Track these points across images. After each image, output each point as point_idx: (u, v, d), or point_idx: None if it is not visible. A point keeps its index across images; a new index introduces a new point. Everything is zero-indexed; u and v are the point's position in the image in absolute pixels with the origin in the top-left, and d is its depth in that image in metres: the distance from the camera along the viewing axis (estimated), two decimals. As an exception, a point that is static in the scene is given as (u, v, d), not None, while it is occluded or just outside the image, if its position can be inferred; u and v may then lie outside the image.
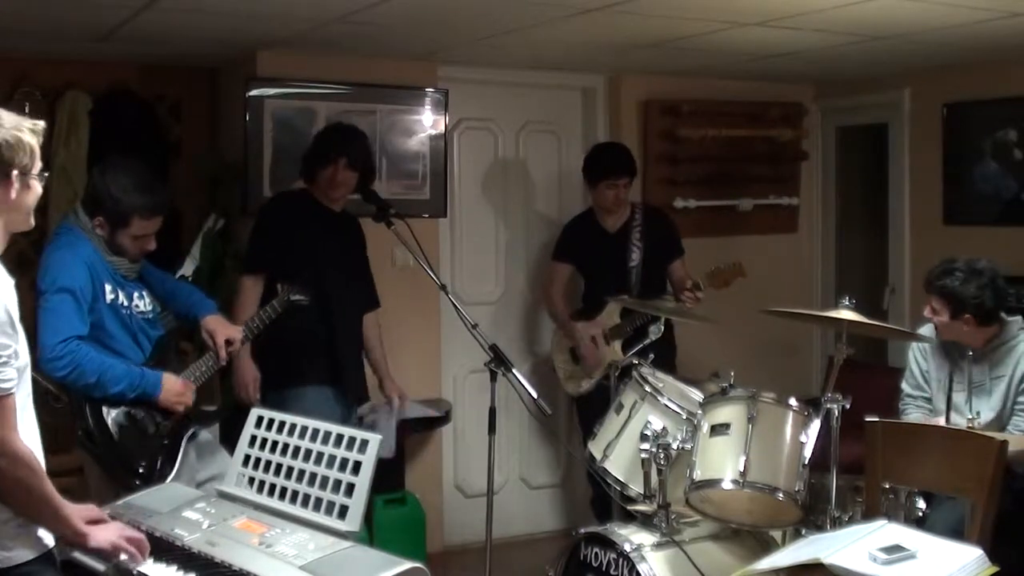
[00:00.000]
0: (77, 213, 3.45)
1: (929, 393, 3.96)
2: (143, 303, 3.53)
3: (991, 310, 3.74)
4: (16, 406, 2.17)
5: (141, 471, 3.37)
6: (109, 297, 3.38)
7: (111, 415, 3.37)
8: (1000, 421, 3.74)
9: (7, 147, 2.21)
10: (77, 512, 2.33)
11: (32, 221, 2.34)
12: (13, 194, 2.23)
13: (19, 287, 2.26)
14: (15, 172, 2.22)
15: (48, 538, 2.28)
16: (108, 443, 3.36)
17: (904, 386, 4.02)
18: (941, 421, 3.81)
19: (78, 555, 2.47)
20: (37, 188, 2.30)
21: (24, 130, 2.25)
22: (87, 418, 3.36)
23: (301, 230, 4.18)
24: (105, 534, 2.35)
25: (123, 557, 2.37)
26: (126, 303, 3.45)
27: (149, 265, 3.69)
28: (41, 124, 2.31)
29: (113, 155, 3.67)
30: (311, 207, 4.21)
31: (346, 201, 4.29)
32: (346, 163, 4.15)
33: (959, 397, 3.84)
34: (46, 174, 2.33)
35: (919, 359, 3.99)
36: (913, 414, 3.94)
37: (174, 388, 3.45)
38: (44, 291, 3.30)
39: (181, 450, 3.49)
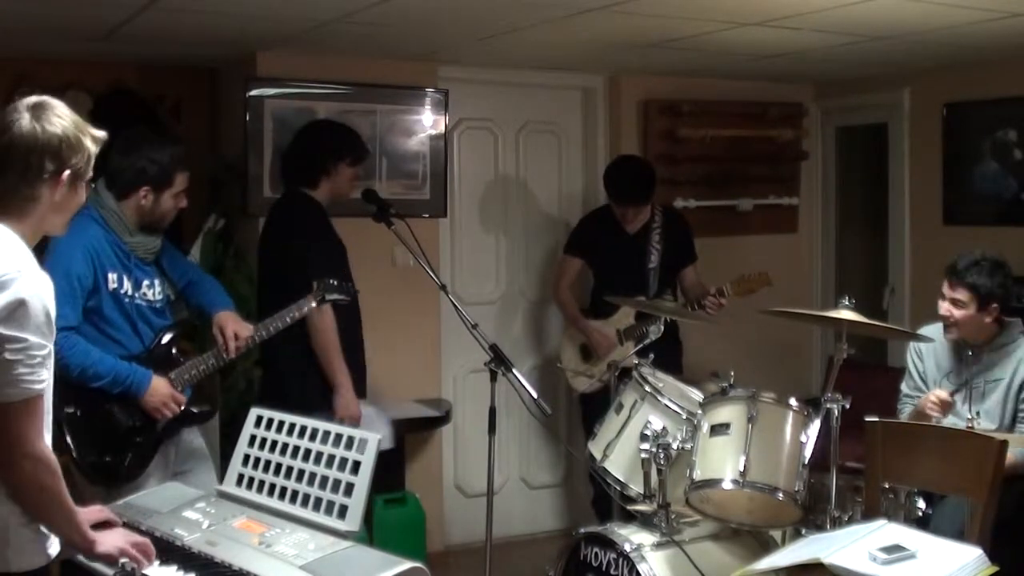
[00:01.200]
0: (98, 192, 3.41)
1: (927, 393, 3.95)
2: (152, 291, 3.47)
3: (1009, 300, 3.78)
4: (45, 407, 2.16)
5: (107, 463, 3.33)
6: (112, 285, 3.35)
7: (84, 405, 3.30)
8: (1000, 426, 3.72)
9: (67, 145, 2.18)
10: (86, 516, 2.33)
11: (66, 229, 2.31)
12: (59, 195, 2.20)
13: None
14: (68, 172, 2.19)
15: (54, 547, 2.26)
16: (75, 433, 3.31)
17: (903, 387, 4.02)
18: (943, 394, 3.79)
19: (82, 559, 2.47)
20: (82, 196, 2.27)
21: (87, 134, 2.23)
22: (60, 405, 3.35)
23: (339, 241, 4.15)
24: (112, 540, 2.34)
25: (123, 560, 2.37)
26: (131, 291, 3.40)
27: (173, 249, 3.64)
28: (103, 134, 2.28)
29: (121, 132, 3.56)
30: (326, 211, 4.17)
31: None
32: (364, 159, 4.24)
33: (956, 398, 3.83)
34: (93, 185, 2.30)
35: (915, 360, 3.98)
36: (910, 411, 3.95)
37: (160, 392, 3.36)
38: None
39: (157, 451, 3.44)
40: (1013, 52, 4.89)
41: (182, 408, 3.43)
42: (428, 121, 5.25)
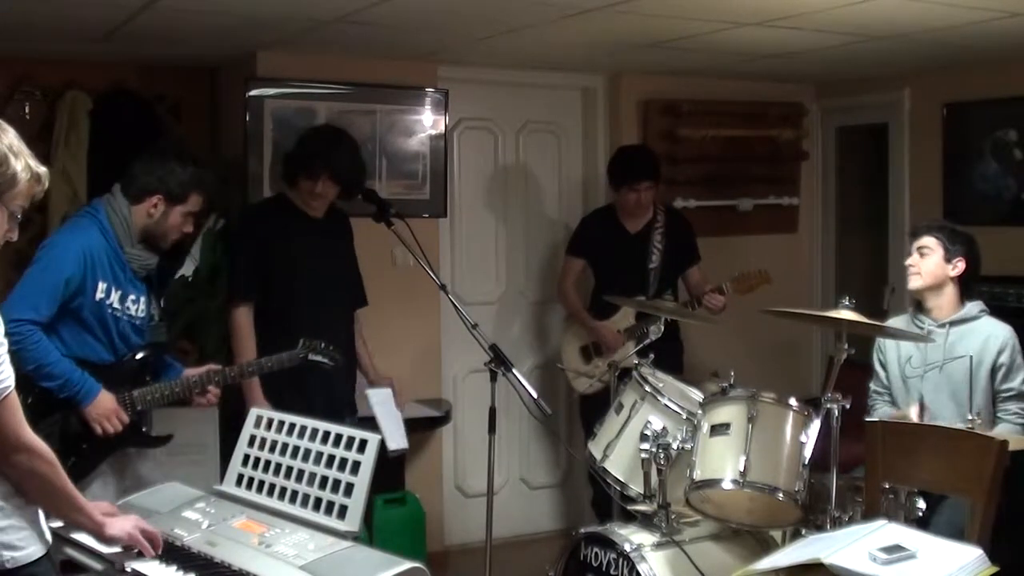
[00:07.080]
0: (114, 195, 3.46)
1: (891, 388, 3.98)
2: (136, 307, 3.50)
3: (974, 274, 3.84)
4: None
5: None
6: (99, 296, 3.37)
7: (43, 401, 3.28)
8: (964, 405, 3.72)
9: None
10: (93, 505, 2.41)
11: None
12: None
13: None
14: None
15: (47, 535, 2.29)
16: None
17: (872, 384, 4.05)
18: (912, 413, 3.80)
19: (77, 555, 2.48)
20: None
21: (19, 158, 2.16)
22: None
23: (280, 242, 4.08)
24: (122, 524, 2.42)
25: (119, 556, 2.37)
26: (117, 304, 3.43)
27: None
28: (43, 170, 2.22)
29: (153, 143, 3.78)
30: (287, 214, 4.13)
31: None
32: (328, 176, 4.04)
33: (916, 373, 3.86)
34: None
35: (879, 354, 4.01)
36: (881, 408, 3.97)
37: (103, 406, 3.34)
38: (36, 260, 3.33)
39: (101, 464, 3.42)
40: (1013, 52, 4.89)
41: (125, 426, 3.39)
42: (428, 121, 5.25)
